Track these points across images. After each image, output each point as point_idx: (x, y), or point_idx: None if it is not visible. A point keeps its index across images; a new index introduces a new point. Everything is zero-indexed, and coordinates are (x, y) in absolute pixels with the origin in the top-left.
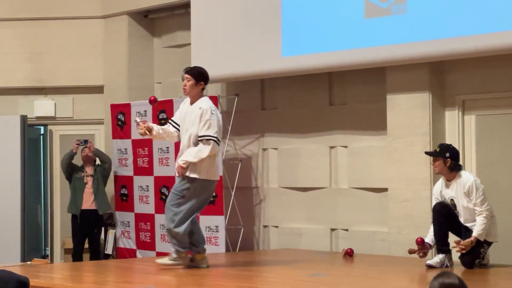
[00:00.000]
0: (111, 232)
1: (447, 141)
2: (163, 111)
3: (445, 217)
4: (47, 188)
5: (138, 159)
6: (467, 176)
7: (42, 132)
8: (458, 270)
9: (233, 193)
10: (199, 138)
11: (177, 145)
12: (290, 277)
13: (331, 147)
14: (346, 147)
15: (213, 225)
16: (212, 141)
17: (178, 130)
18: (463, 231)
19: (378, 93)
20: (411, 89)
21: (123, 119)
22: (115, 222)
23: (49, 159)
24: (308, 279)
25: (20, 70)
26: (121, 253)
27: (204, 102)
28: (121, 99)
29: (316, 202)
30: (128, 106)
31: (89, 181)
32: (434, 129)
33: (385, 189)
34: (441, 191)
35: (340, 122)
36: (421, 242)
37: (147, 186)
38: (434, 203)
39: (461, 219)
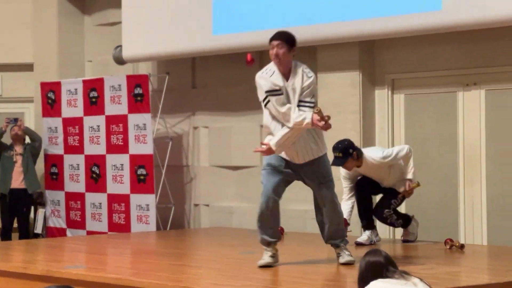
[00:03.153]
0: (40, 211)
1: (377, 120)
2: (93, 89)
3: (367, 192)
4: None
5: (68, 137)
6: (372, 155)
7: None
8: (388, 246)
9: (163, 172)
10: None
11: (108, 124)
12: (221, 255)
13: (262, 126)
14: None
15: (143, 204)
16: None
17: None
18: (387, 190)
19: None
20: (341, 68)
21: (53, 97)
22: (45, 201)
23: None
24: (239, 257)
25: None
26: (51, 232)
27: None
28: (51, 77)
29: (247, 181)
30: (58, 84)
31: (19, 159)
32: (364, 108)
33: None
34: (349, 176)
35: None
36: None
37: (78, 164)
38: (344, 183)
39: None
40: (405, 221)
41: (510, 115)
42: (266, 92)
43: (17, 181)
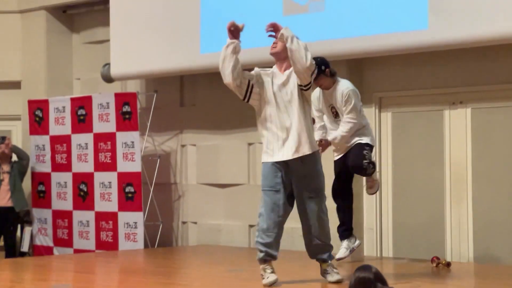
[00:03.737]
0: (27, 229)
1: None
2: (81, 107)
3: (344, 199)
4: None
5: (56, 155)
6: (346, 83)
7: None
8: (376, 263)
9: (151, 189)
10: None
11: (96, 141)
12: (209, 273)
13: (249, 144)
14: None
15: (131, 221)
16: None
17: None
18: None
19: None
20: None
21: (41, 115)
22: (31, 219)
23: None
24: (227, 275)
25: None
26: (37, 251)
27: None
28: (39, 94)
29: (234, 199)
30: (46, 102)
31: (6, 178)
32: None
33: None
34: (319, 97)
35: None
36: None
37: (65, 182)
38: (313, 112)
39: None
40: (373, 166)
41: (496, 133)
42: None
43: (4, 199)
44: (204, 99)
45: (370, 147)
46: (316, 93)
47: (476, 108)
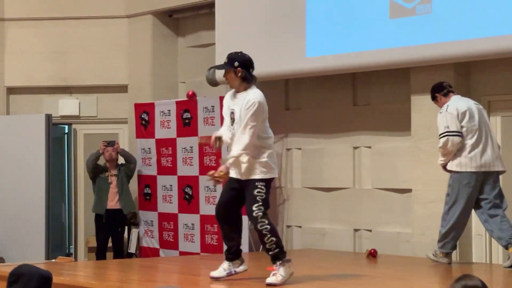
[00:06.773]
0: (134, 231)
1: None
2: (187, 111)
3: (226, 220)
4: (71, 186)
5: (162, 158)
6: (257, 94)
7: (66, 131)
8: (485, 269)
9: None
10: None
11: (201, 145)
12: (313, 278)
13: (355, 148)
14: (369, 147)
15: None
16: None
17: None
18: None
19: (402, 94)
20: None
21: (147, 119)
22: (138, 221)
23: (73, 158)
24: (332, 280)
25: (44, 69)
26: (144, 252)
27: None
28: (145, 98)
29: (339, 203)
30: (152, 105)
31: (114, 180)
32: None
33: (409, 190)
34: (229, 104)
35: (364, 123)
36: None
37: (171, 185)
38: (224, 116)
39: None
40: (280, 250)
41: None
42: None
43: (112, 201)
44: (309, 103)
45: (265, 182)
46: (227, 98)
47: None
